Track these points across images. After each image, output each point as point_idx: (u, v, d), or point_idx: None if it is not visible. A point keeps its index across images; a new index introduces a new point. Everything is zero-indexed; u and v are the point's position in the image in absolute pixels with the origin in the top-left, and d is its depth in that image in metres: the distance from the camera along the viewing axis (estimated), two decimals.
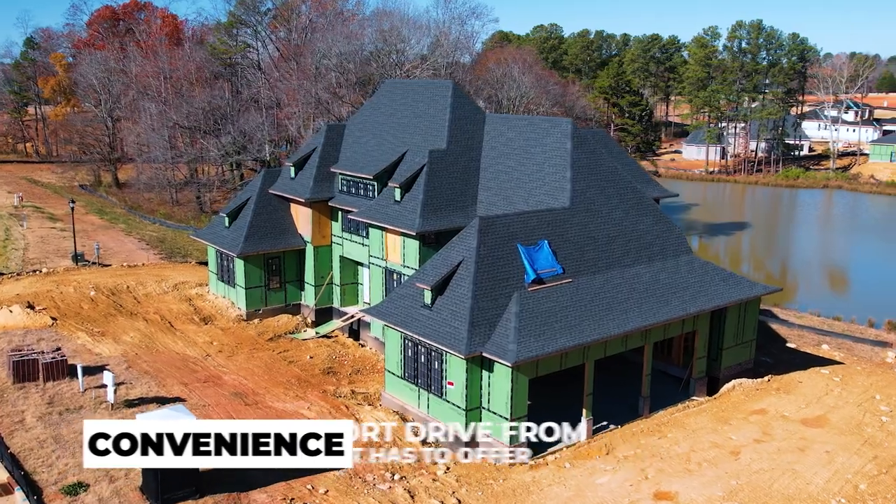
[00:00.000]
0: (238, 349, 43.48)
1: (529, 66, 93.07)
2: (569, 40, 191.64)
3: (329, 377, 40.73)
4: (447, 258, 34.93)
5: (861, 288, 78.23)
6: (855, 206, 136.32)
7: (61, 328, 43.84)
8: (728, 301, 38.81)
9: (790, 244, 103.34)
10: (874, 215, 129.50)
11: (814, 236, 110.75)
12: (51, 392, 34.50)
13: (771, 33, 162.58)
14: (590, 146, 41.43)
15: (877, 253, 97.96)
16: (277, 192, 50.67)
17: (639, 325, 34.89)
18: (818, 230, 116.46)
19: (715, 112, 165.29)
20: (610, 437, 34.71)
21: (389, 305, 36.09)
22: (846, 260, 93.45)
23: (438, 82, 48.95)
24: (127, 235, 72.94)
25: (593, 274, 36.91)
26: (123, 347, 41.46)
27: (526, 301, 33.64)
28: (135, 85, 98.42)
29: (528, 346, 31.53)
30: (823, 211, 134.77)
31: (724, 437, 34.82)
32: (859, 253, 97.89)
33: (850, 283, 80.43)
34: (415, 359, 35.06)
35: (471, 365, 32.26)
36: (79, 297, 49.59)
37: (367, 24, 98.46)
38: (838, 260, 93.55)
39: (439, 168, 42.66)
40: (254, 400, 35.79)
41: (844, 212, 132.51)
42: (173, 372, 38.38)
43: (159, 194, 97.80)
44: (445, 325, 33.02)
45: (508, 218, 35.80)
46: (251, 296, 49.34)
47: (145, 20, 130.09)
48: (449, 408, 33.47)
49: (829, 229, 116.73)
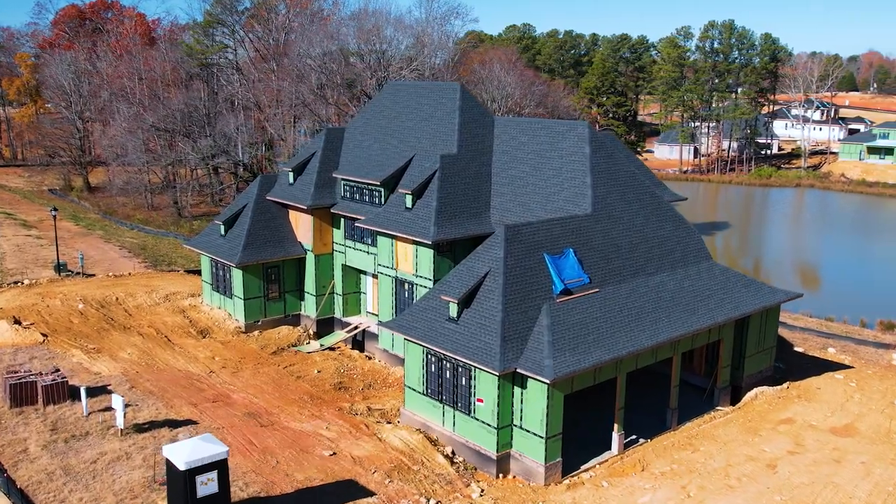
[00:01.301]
0: (242, 364, 41.53)
1: (514, 66, 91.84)
2: (541, 40, 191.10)
3: (341, 393, 39.03)
4: (472, 269, 33.45)
5: (844, 287, 78.42)
6: (828, 205, 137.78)
7: (53, 345, 41.47)
8: (753, 308, 37.94)
9: (764, 243, 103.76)
10: (849, 214, 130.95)
11: (790, 235, 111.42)
12: (52, 417, 32.30)
13: (743, 33, 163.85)
14: (607, 150, 40.30)
15: (854, 251, 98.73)
16: (276, 199, 48.71)
17: (670, 336, 33.79)
18: (794, 229, 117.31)
19: (689, 112, 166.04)
20: (642, 452, 33.57)
21: (411, 319, 34.49)
22: (824, 259, 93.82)
23: (445, 84, 47.41)
24: (106, 242, 70.15)
25: (619, 283, 35.75)
26: (122, 365, 39.26)
27: (556, 313, 32.32)
28: (107, 86, 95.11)
29: (563, 360, 30.20)
30: (798, 210, 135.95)
31: (758, 450, 33.93)
32: (838, 251, 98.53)
33: (830, 283, 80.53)
34: (439, 374, 33.53)
35: (503, 381, 30.84)
36: (67, 310, 47.14)
37: (345, 24, 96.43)
38: (815, 259, 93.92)
39: (451, 173, 41.17)
40: (269, 420, 33.95)
41: (818, 210, 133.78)
42: (179, 391, 36.35)
43: (134, 199, 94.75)
44: (474, 339, 31.56)
45: (534, 226, 34.45)
46: (250, 307, 47.34)
47: (113, 19, 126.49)
48: (478, 426, 32.00)
49: (804, 228, 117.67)
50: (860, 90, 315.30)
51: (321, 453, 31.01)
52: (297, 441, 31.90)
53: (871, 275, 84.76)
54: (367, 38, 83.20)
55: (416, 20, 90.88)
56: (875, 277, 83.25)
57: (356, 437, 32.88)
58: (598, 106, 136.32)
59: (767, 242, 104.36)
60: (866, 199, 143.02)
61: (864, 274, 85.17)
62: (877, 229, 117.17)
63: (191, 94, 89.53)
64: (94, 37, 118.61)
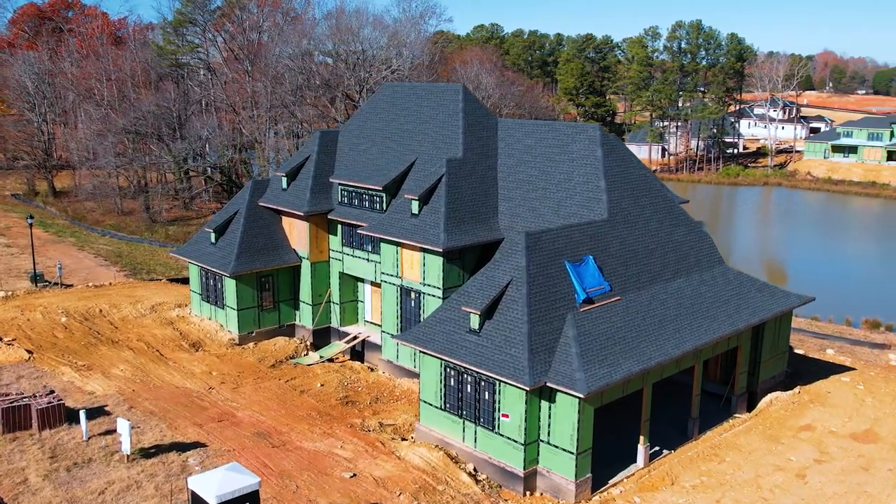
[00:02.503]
0: (241, 379, 39.68)
1: (494, 66, 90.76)
2: (510, 40, 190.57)
3: (349, 408, 37.43)
4: (492, 278, 32.16)
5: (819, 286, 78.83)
6: (796, 203, 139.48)
7: (40, 362, 39.15)
8: (771, 314, 37.28)
9: (734, 241, 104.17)
10: (817, 211, 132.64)
11: (760, 233, 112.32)
12: (50, 443, 30.19)
13: (710, 33, 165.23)
14: (619, 153, 39.36)
15: (825, 249, 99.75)
16: (269, 205, 46.86)
17: (696, 345, 32.89)
18: (764, 227, 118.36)
19: (657, 111, 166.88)
20: (669, 464, 32.62)
21: (428, 331, 33.07)
22: (795, 257, 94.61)
23: (446, 86, 45.99)
24: (80, 250, 67.37)
25: (638, 290, 34.77)
26: (116, 383, 37.16)
27: (581, 323, 31.20)
28: (74, 87, 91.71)
29: (594, 373, 29.08)
30: (766, 208, 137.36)
31: (784, 459, 33.22)
32: (809, 249, 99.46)
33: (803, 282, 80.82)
34: (459, 388, 32.17)
35: (530, 396, 29.61)
36: (49, 324, 44.75)
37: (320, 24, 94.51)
38: (785, 257, 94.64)
39: (458, 178, 39.82)
40: (280, 440, 32.24)
41: (786, 208, 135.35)
42: (181, 410, 34.43)
43: (102, 204, 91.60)
44: (499, 352, 30.28)
45: (553, 232, 33.29)
46: (244, 318, 45.44)
47: (75, 18, 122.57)
48: (503, 442, 30.73)
49: (773, 226, 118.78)
50: (816, 89, 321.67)
51: (341, 475, 29.46)
52: (313, 462, 30.29)
53: (845, 272, 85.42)
54: (343, 37, 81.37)
55: (394, 19, 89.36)
56: (849, 275, 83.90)
57: (374, 457, 31.37)
58: (578, 106, 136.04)
59: (738, 241, 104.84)
60: (833, 196, 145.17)
61: (837, 271, 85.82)
62: (845, 227, 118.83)
63: (162, 96, 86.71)
64: (55, 36, 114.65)
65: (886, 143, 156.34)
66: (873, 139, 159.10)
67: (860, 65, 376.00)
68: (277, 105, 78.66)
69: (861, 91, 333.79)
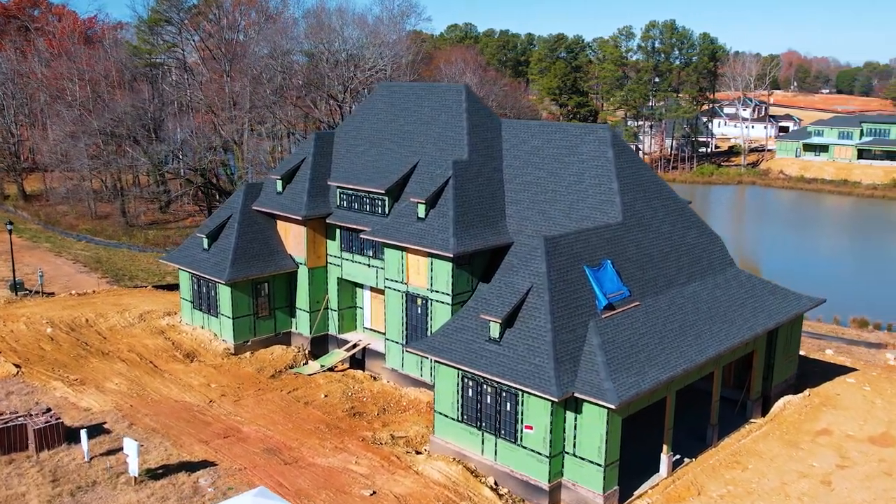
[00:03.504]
0: (242, 391, 38.15)
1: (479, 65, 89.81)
2: (483, 40, 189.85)
3: (357, 420, 36.12)
4: (511, 285, 31.08)
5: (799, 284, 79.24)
6: (770, 201, 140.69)
7: (29, 377, 37.22)
8: (786, 317, 36.73)
9: None
10: (792, 209, 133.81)
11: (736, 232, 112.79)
12: (49, 465, 28.45)
13: (683, 33, 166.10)
14: (628, 154, 38.55)
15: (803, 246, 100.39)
16: (264, 209, 45.31)
17: (718, 350, 32.16)
18: (739, 225, 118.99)
19: (631, 111, 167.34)
20: (692, 473, 31.83)
21: (444, 340, 31.89)
22: (776, 255, 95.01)
23: (448, 86, 44.80)
24: (57, 256, 65.04)
25: (656, 295, 33.95)
26: (113, 398, 35.41)
27: (604, 330, 30.27)
28: (45, 88, 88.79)
29: (622, 382, 28.16)
30: (745, 206, 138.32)
31: (806, 465, 32.64)
32: (788, 247, 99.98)
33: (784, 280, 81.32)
34: (477, 399, 31.05)
35: (556, 407, 28.59)
36: (34, 335, 42.76)
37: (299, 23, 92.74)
38: (766, 255, 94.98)
39: (464, 180, 38.68)
40: (291, 457, 30.85)
41: (761, 207, 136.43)
42: (184, 426, 32.84)
43: (75, 207, 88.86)
44: (522, 361, 29.21)
45: (571, 237, 32.32)
46: (239, 326, 43.83)
47: (41, 17, 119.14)
48: (526, 454, 29.67)
49: (749, 224, 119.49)
50: (782, 89, 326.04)
51: (360, 493, 28.17)
52: (329, 480, 28.96)
53: (824, 271, 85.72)
54: (326, 36, 79.76)
55: (375, 18, 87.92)
56: (828, 273, 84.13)
57: (391, 472, 30.12)
58: (561, 106, 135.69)
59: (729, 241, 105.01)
60: (806, 195, 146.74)
61: (817, 270, 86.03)
62: (821, 225, 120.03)
63: (137, 97, 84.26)
64: (22, 35, 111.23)
65: (857, 142, 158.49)
66: (844, 138, 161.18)
67: (823, 64, 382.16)
68: (259, 106, 76.78)
69: (825, 90, 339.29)
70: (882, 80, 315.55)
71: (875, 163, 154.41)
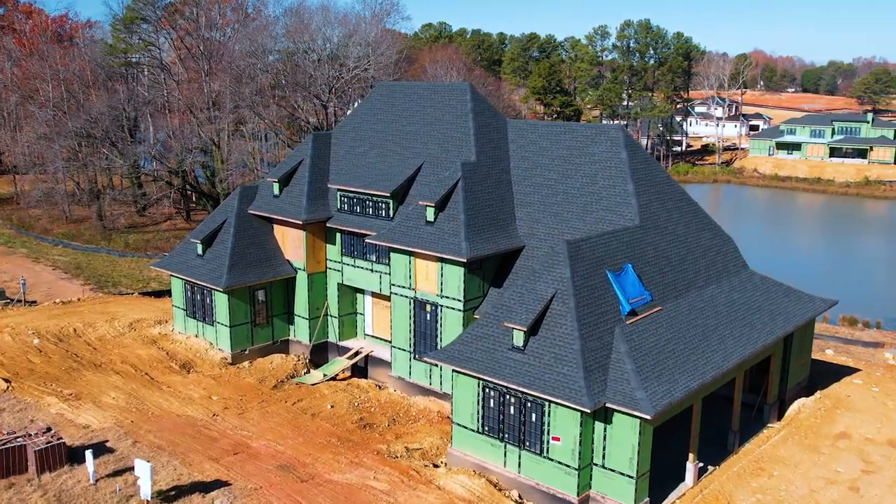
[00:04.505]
0: (245, 403, 36.64)
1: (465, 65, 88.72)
2: (457, 39, 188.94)
3: (368, 432, 34.85)
4: (534, 291, 30.03)
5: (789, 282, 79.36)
6: (746, 200, 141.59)
7: (20, 392, 35.34)
8: (804, 319, 36.22)
9: None
10: (769, 208, 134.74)
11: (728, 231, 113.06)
12: (53, 488, 26.77)
13: (658, 32, 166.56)
14: (642, 154, 37.74)
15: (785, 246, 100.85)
16: (261, 213, 43.77)
17: (742, 356, 31.44)
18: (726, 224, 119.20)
19: (607, 110, 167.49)
20: (718, 482, 31.07)
21: (463, 349, 30.76)
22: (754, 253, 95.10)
23: (451, 85, 43.61)
24: (35, 262, 62.71)
25: (675, 299, 33.17)
26: (112, 413, 33.71)
27: (630, 336, 29.39)
28: (16, 88, 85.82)
29: (654, 391, 27.29)
30: (721, 205, 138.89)
31: (831, 471, 32.08)
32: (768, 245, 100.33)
33: None
34: (500, 410, 29.97)
35: (586, 417, 27.62)
36: (21, 346, 40.80)
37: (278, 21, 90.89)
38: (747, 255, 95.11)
39: (473, 182, 37.57)
40: (307, 473, 29.49)
41: (737, 205, 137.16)
42: (190, 443, 31.30)
43: (48, 211, 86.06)
44: (549, 371, 28.20)
45: (592, 241, 31.39)
46: (236, 335, 42.27)
47: (7, 15, 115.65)
48: (553, 467, 28.66)
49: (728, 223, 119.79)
50: (749, 87, 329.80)
51: None
52: (350, 498, 27.67)
53: (805, 268, 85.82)
54: (312, 35, 78.11)
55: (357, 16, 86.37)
56: (809, 270, 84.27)
57: (412, 488, 28.93)
58: (546, 105, 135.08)
59: None
60: (781, 192, 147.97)
61: (797, 268, 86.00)
62: (797, 222, 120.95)
63: (113, 97, 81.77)
64: None
65: (828, 140, 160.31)
66: (816, 136, 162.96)
67: (788, 64, 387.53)
68: (242, 106, 74.86)
69: (791, 89, 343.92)
70: (846, 79, 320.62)
71: (847, 160, 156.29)
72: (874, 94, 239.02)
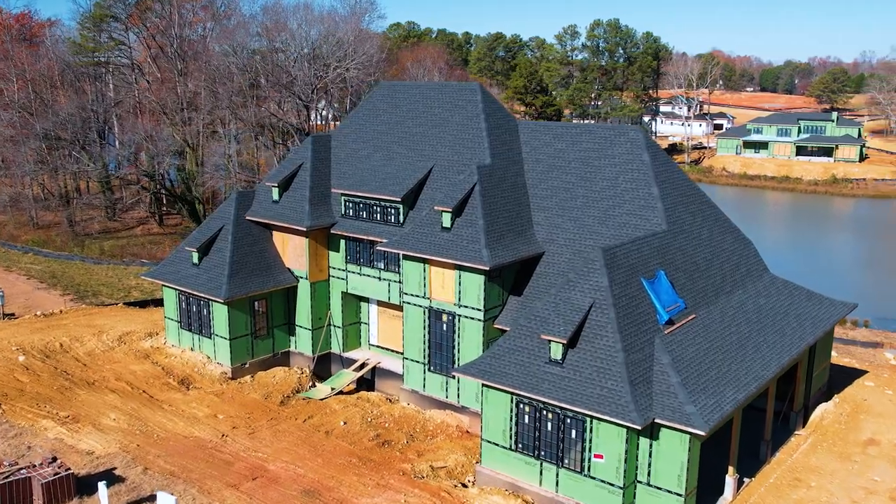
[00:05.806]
0: (254, 422, 34.66)
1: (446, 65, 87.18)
2: (427, 38, 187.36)
3: (388, 450, 33.15)
4: (570, 301, 28.67)
5: None
6: (717, 199, 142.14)
7: (12, 415, 32.88)
8: (830, 324, 35.50)
9: None
10: (742, 206, 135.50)
11: None
12: None
13: (627, 32, 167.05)
14: (663, 156, 36.64)
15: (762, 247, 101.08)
16: (261, 220, 41.75)
17: (780, 364, 30.48)
18: None
19: (577, 110, 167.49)
20: (757, 495, 30.05)
21: (495, 363, 29.27)
22: None
23: (460, 85, 42.00)
24: (8, 271, 59.60)
25: (707, 305, 32.10)
26: (115, 437, 31.49)
27: (671, 347, 28.20)
28: None
29: (703, 405, 26.12)
30: None
31: (868, 479, 31.30)
32: None
33: None
34: (535, 426, 28.55)
35: (631, 434, 26.34)
36: (6, 364, 38.23)
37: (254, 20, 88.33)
38: None
39: (490, 187, 36.10)
40: (334, 499, 27.73)
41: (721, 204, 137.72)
42: (204, 468, 29.30)
43: (14, 217, 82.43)
44: (592, 385, 26.86)
45: (626, 247, 30.16)
46: (236, 348, 40.23)
47: None
48: (595, 485, 27.33)
49: None
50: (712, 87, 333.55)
51: None
52: None
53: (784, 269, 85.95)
54: (288, 34, 75.86)
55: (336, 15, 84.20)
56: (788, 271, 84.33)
57: None
58: (528, 105, 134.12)
59: None
60: (750, 191, 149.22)
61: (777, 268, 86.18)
62: (768, 219, 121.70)
63: (83, 98, 78.49)
64: None
65: (795, 139, 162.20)
66: (782, 135, 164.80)
67: (746, 63, 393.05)
68: (220, 107, 72.29)
69: (749, 88, 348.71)
70: (803, 78, 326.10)
71: (813, 159, 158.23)
72: (832, 93, 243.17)
